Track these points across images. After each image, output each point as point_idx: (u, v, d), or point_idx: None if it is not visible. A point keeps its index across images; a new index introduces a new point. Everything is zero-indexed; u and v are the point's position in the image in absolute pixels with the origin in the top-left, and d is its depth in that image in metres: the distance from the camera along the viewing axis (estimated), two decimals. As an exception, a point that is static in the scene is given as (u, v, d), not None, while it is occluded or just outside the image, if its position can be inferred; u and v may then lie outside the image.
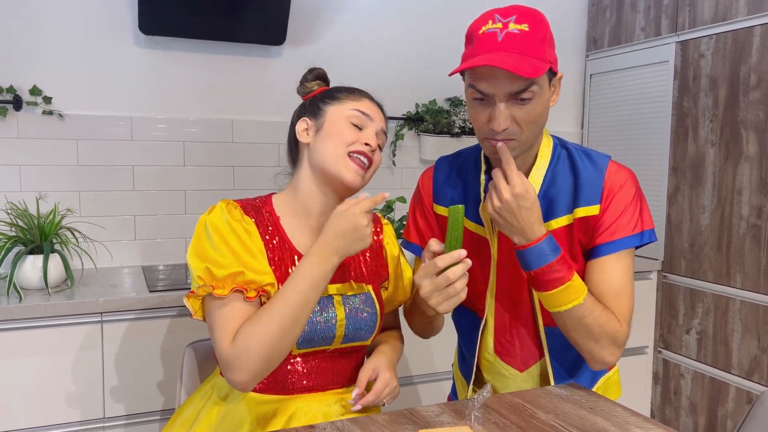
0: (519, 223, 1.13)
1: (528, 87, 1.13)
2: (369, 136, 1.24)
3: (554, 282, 1.15)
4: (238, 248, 1.15)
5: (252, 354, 1.08)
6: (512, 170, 1.13)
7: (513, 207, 1.12)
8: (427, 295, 1.13)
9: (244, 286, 1.12)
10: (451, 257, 1.10)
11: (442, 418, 1.10)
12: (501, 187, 1.13)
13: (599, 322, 1.17)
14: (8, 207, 1.96)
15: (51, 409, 1.77)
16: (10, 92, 2.10)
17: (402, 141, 2.67)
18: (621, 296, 1.21)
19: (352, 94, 1.28)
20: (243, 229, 1.18)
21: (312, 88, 1.31)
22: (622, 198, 1.23)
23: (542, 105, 1.17)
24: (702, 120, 2.41)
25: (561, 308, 1.17)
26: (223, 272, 1.11)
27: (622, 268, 1.22)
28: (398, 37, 2.65)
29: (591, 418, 1.11)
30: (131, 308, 1.82)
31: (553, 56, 1.19)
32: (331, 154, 1.21)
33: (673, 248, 2.55)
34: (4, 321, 1.70)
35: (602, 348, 1.19)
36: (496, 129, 1.15)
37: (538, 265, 1.14)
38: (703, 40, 2.39)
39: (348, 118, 1.24)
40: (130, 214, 2.29)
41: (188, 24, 2.26)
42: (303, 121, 1.27)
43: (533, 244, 1.14)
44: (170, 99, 2.32)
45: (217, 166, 2.39)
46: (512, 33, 1.12)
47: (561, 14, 2.92)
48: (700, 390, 2.46)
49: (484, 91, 1.14)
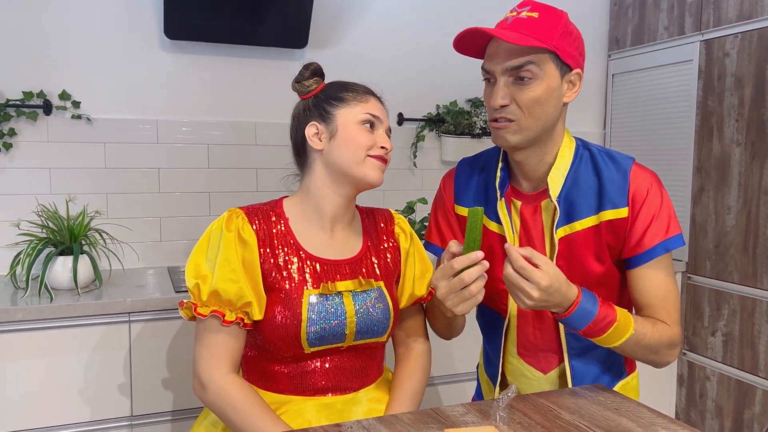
0: (555, 299, 1.13)
1: (525, 65, 1.16)
2: (383, 139, 1.26)
3: (604, 328, 1.16)
4: (220, 265, 1.18)
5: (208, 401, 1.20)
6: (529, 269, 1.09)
7: (545, 297, 1.11)
8: (443, 296, 1.13)
9: (222, 311, 1.17)
10: (468, 259, 1.10)
11: (467, 418, 1.11)
12: (525, 288, 1.09)
13: (654, 338, 1.20)
14: (39, 209, 2.01)
15: (80, 407, 1.81)
16: (40, 97, 2.15)
17: (423, 142, 2.67)
18: (667, 300, 1.24)
19: (358, 94, 1.28)
20: (235, 238, 1.20)
21: (311, 87, 1.30)
22: (651, 204, 1.23)
23: (545, 90, 1.18)
24: (727, 119, 2.38)
25: (617, 343, 1.19)
26: (206, 291, 1.18)
27: (664, 272, 1.24)
28: (419, 38, 2.65)
29: (616, 419, 1.11)
30: (158, 308, 1.85)
31: (567, 48, 1.19)
32: (352, 160, 1.23)
33: (698, 249, 2.52)
34: (36, 320, 1.74)
35: (663, 356, 1.24)
36: (493, 105, 1.19)
37: (585, 324, 1.15)
38: (728, 38, 2.36)
39: (360, 122, 1.25)
40: (156, 216, 2.32)
41: (212, 28, 2.29)
42: (312, 125, 1.26)
43: (573, 310, 1.14)
44: (194, 102, 2.36)
45: (240, 169, 2.42)
46: (521, 18, 1.18)
47: (583, 14, 2.90)
48: (725, 392, 2.43)
49: (487, 68, 1.21)
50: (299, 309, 1.19)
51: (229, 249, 1.19)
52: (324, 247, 1.27)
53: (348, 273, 1.26)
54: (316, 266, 1.24)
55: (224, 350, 1.19)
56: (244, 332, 1.22)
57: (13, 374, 1.74)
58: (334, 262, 1.26)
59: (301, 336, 1.18)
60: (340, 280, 1.24)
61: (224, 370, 1.18)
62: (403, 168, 2.66)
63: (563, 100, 1.23)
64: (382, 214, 1.40)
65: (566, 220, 1.25)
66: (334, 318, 1.21)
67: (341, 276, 1.25)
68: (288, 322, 1.18)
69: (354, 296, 1.24)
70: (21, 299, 1.80)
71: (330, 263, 1.25)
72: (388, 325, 1.28)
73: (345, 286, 1.24)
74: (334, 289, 1.22)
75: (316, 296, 1.21)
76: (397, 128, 2.64)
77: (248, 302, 1.18)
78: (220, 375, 1.18)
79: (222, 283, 1.17)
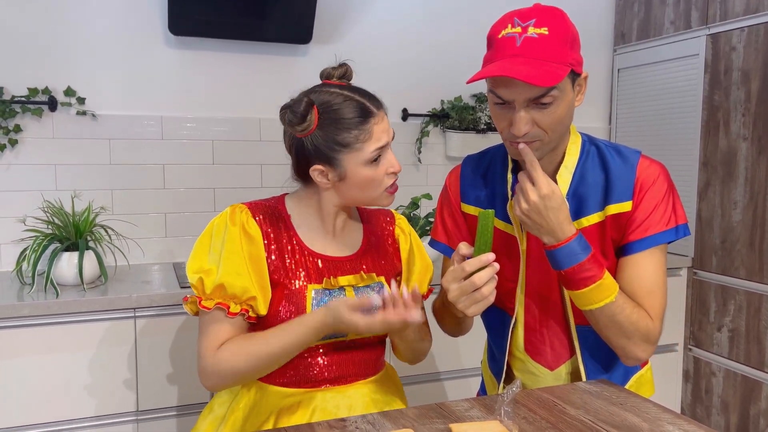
0: (548, 223, 1.13)
1: (547, 92, 1.11)
2: (391, 163, 1.22)
3: (585, 281, 1.14)
4: (226, 258, 1.17)
5: (223, 376, 1.18)
6: (537, 172, 1.13)
7: (540, 208, 1.12)
8: (454, 299, 1.13)
9: (226, 303, 1.17)
10: (479, 261, 1.10)
11: (472, 413, 1.11)
12: (527, 189, 1.13)
13: (631, 320, 1.17)
14: (45, 205, 2.01)
15: (86, 402, 1.82)
16: (45, 93, 2.15)
17: (427, 138, 2.67)
18: (654, 293, 1.21)
19: (360, 132, 1.17)
20: (240, 233, 1.20)
21: (309, 128, 1.18)
22: (655, 193, 1.21)
23: (565, 107, 1.15)
24: (734, 114, 2.37)
25: (593, 306, 1.16)
26: (210, 284, 1.17)
27: (655, 264, 1.21)
28: (423, 33, 2.65)
29: (622, 414, 1.10)
30: (163, 303, 1.86)
31: (577, 57, 1.16)
32: (366, 199, 1.24)
33: (704, 244, 2.51)
34: (42, 316, 1.75)
35: (634, 345, 1.19)
36: (517, 134, 1.15)
37: (569, 265, 1.14)
38: (735, 32, 2.35)
39: (367, 163, 1.19)
40: (161, 212, 2.33)
41: (216, 24, 2.29)
42: (317, 168, 1.20)
43: (563, 244, 1.14)
44: (199, 98, 2.36)
45: (245, 164, 2.42)
46: (531, 38, 1.10)
47: (588, 9, 2.89)
48: (731, 388, 2.42)
49: (504, 97, 1.14)
50: (303, 304, 1.20)
51: (234, 243, 1.19)
52: (325, 245, 1.28)
53: (349, 269, 1.27)
54: (318, 262, 1.24)
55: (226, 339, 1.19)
56: (247, 325, 1.22)
57: (20, 369, 1.75)
58: (336, 259, 1.27)
59: None
60: (341, 275, 1.25)
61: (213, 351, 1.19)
62: (407, 163, 2.66)
63: (575, 104, 1.21)
64: (383, 213, 1.40)
65: (574, 216, 1.25)
66: None
67: (343, 272, 1.26)
68: (292, 317, 1.19)
69: (356, 291, 1.25)
70: (27, 295, 1.81)
71: (331, 260, 1.26)
72: None
73: (347, 280, 1.24)
74: (336, 284, 1.23)
75: (320, 291, 1.22)
76: (401, 123, 2.64)
77: (253, 296, 1.18)
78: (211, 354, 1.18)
79: (227, 277, 1.17)
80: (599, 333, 1.21)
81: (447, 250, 1.39)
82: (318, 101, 1.19)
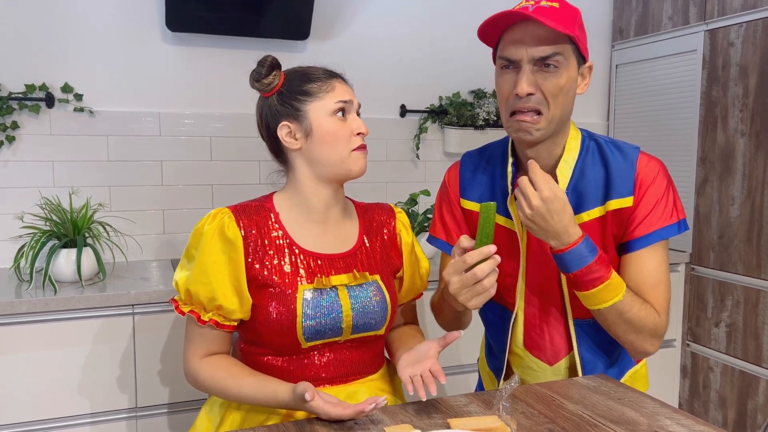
0: (553, 227, 1.13)
1: (553, 55, 1.16)
2: (357, 123, 1.24)
3: (594, 282, 1.15)
4: (198, 265, 1.19)
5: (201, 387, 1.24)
6: (538, 175, 1.14)
7: (544, 212, 1.12)
8: (455, 291, 1.13)
9: (197, 312, 1.20)
10: (480, 253, 1.10)
11: (470, 408, 1.11)
12: (529, 194, 1.13)
13: (639, 316, 1.18)
14: (43, 202, 2.01)
15: (84, 399, 1.82)
16: (42, 90, 2.15)
17: (426, 134, 2.67)
18: (658, 288, 1.22)
19: (323, 82, 1.23)
20: (221, 239, 1.19)
21: (273, 83, 1.23)
22: (655, 190, 1.23)
23: (567, 79, 1.19)
24: (731, 109, 2.37)
25: (601, 306, 1.18)
26: (183, 290, 1.21)
27: (658, 259, 1.23)
28: (421, 29, 2.64)
29: (619, 408, 1.11)
30: (161, 300, 1.86)
31: (583, 39, 1.22)
32: (335, 158, 1.22)
33: (702, 240, 2.51)
34: (41, 313, 1.75)
35: (643, 340, 1.21)
36: (520, 93, 1.17)
37: (577, 268, 1.15)
38: (733, 28, 2.35)
39: (332, 113, 1.22)
40: (159, 209, 2.33)
41: (214, 20, 2.28)
42: (284, 126, 1.22)
43: (571, 248, 1.14)
44: (197, 95, 2.36)
45: (243, 161, 2.42)
46: (543, 7, 1.16)
47: (586, 4, 2.87)
48: (729, 383, 2.43)
49: (511, 56, 1.18)
50: (294, 305, 1.18)
51: (207, 249, 1.18)
52: (317, 242, 1.25)
53: (342, 267, 1.25)
54: (309, 261, 1.22)
55: (204, 349, 1.23)
56: (222, 333, 1.23)
57: (18, 366, 1.75)
58: (328, 257, 1.25)
59: (297, 331, 1.18)
60: (334, 274, 1.23)
61: (198, 358, 1.24)
62: (405, 160, 2.66)
63: (577, 91, 1.24)
64: (382, 209, 1.38)
65: (575, 211, 1.25)
66: (329, 313, 1.20)
67: (335, 270, 1.23)
68: (283, 318, 1.18)
69: (349, 290, 1.23)
70: (25, 292, 1.81)
71: (324, 257, 1.24)
72: (385, 318, 1.27)
73: (339, 280, 1.23)
74: (328, 283, 1.21)
75: (311, 291, 1.19)
76: (399, 120, 2.64)
77: (219, 305, 1.18)
78: (194, 362, 1.23)
79: (193, 285, 1.18)
80: (608, 330, 1.22)
81: (445, 247, 1.39)
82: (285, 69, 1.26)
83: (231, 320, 1.21)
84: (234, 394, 1.19)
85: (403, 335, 1.36)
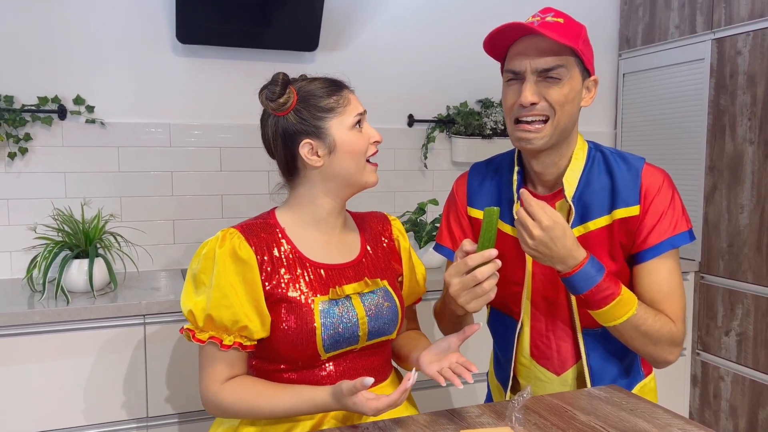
0: (557, 253, 1.15)
1: (556, 67, 1.19)
2: (373, 132, 1.26)
3: (605, 299, 1.17)
4: (215, 289, 1.15)
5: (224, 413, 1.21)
6: (533, 206, 1.15)
7: (546, 240, 1.14)
8: (455, 293, 1.14)
9: (219, 336, 1.16)
10: (481, 256, 1.12)
11: (483, 419, 1.11)
12: (528, 225, 1.14)
13: (655, 327, 1.20)
14: (55, 213, 2.03)
15: (96, 408, 1.83)
16: (55, 102, 2.17)
17: (433, 143, 2.68)
18: (672, 297, 1.24)
19: (339, 97, 1.22)
20: (235, 260, 1.16)
21: (288, 102, 1.21)
22: (661, 201, 1.24)
23: (572, 90, 1.21)
24: (740, 118, 2.37)
25: (616, 322, 1.19)
26: (200, 317, 1.16)
27: (669, 268, 1.24)
28: (428, 40, 2.66)
29: (632, 419, 1.11)
30: (172, 310, 1.87)
31: (588, 54, 1.24)
32: (354, 169, 1.23)
33: (711, 249, 2.51)
34: (53, 323, 1.76)
35: (662, 350, 1.22)
36: (524, 102, 1.20)
37: (587, 288, 1.16)
38: (740, 37, 2.35)
39: (352, 127, 1.22)
40: (169, 219, 2.34)
41: (223, 32, 2.31)
42: (306, 144, 1.20)
43: (577, 270, 1.16)
44: (206, 106, 2.38)
45: (252, 171, 2.43)
46: (548, 22, 1.20)
47: (593, 13, 2.90)
48: (740, 393, 2.41)
49: (516, 68, 1.21)
50: (311, 318, 1.18)
51: (222, 271, 1.16)
52: (325, 253, 1.26)
53: (353, 276, 1.26)
54: (320, 272, 1.23)
55: (226, 374, 1.20)
56: (243, 354, 1.22)
57: (31, 376, 1.76)
58: (338, 267, 1.25)
59: (317, 343, 1.18)
60: (346, 283, 1.24)
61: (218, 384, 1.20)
62: (413, 169, 2.67)
63: (581, 104, 1.26)
64: (376, 217, 1.40)
65: (580, 221, 1.26)
66: (346, 321, 1.21)
67: (346, 279, 1.25)
68: (302, 332, 1.18)
69: (362, 297, 1.24)
70: (38, 302, 1.82)
71: (333, 268, 1.25)
72: (397, 321, 1.29)
73: (353, 288, 1.24)
74: (342, 293, 1.22)
75: (326, 302, 1.20)
76: (407, 129, 2.65)
77: (244, 326, 1.16)
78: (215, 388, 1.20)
79: (215, 310, 1.15)
80: (626, 344, 1.24)
81: (451, 255, 1.40)
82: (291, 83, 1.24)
83: (253, 340, 1.19)
84: (268, 410, 1.17)
85: (411, 339, 1.38)
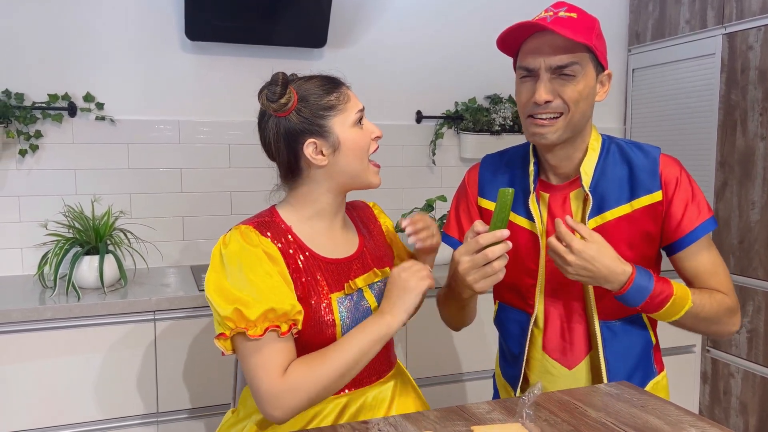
0: (599, 272, 1.16)
1: (570, 64, 1.19)
2: (373, 128, 1.25)
3: (663, 302, 1.19)
4: (261, 282, 1.11)
5: (300, 394, 1.10)
6: (563, 232, 1.16)
7: (582, 264, 1.15)
8: (465, 271, 1.14)
9: (276, 324, 1.10)
10: (493, 236, 1.12)
11: (493, 416, 1.11)
12: (561, 252, 1.16)
13: (713, 309, 1.23)
14: (65, 210, 2.04)
15: (107, 404, 1.84)
16: (65, 99, 2.18)
17: (442, 140, 2.67)
18: (717, 273, 1.28)
19: (339, 93, 1.21)
20: (263, 254, 1.14)
21: (289, 102, 1.18)
22: (685, 187, 1.27)
23: (586, 87, 1.21)
24: (751, 113, 2.35)
25: (676, 317, 1.22)
26: (253, 312, 1.08)
27: (709, 248, 1.28)
28: (437, 36, 2.65)
29: (643, 416, 1.10)
30: (182, 306, 1.88)
31: (601, 48, 1.24)
32: (358, 168, 1.22)
33: (722, 245, 2.49)
34: (64, 319, 1.77)
35: (725, 325, 1.27)
36: (538, 100, 1.20)
37: (642, 300, 1.19)
38: (752, 31, 2.33)
39: (354, 123, 1.21)
40: (179, 215, 2.35)
41: (232, 29, 2.31)
42: (310, 143, 1.19)
43: (628, 288, 1.17)
44: (215, 102, 2.38)
45: (260, 168, 2.43)
46: (561, 17, 1.19)
47: (602, 8, 2.87)
48: (750, 390, 2.40)
49: (529, 66, 1.21)
50: (331, 314, 1.18)
51: (263, 264, 1.14)
52: (331, 248, 1.25)
53: (360, 268, 1.26)
54: (331, 268, 1.23)
55: (286, 361, 1.12)
56: (293, 339, 1.17)
57: (42, 372, 1.77)
58: (345, 261, 1.25)
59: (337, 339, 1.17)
60: (355, 276, 1.24)
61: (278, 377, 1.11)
62: (422, 165, 2.66)
63: (596, 98, 1.27)
64: (360, 206, 1.42)
65: (597, 211, 1.27)
66: (362, 314, 1.21)
67: (355, 272, 1.25)
68: (324, 328, 1.17)
69: (371, 288, 1.26)
70: (49, 298, 1.84)
71: (341, 262, 1.25)
72: None
73: (363, 280, 1.24)
74: (355, 286, 1.22)
75: (343, 297, 1.20)
76: (415, 126, 2.64)
77: (300, 310, 1.14)
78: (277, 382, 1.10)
79: (274, 301, 1.11)
80: (691, 331, 1.28)
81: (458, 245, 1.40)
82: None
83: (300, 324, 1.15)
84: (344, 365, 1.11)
85: None
